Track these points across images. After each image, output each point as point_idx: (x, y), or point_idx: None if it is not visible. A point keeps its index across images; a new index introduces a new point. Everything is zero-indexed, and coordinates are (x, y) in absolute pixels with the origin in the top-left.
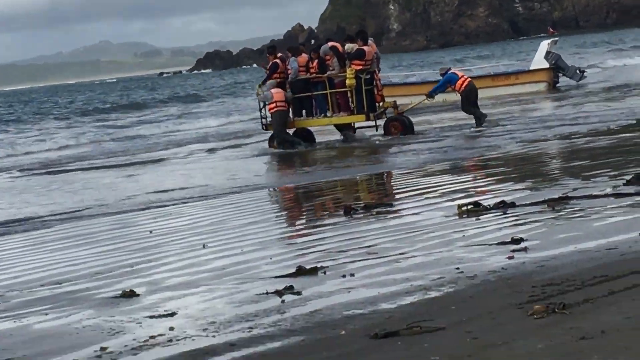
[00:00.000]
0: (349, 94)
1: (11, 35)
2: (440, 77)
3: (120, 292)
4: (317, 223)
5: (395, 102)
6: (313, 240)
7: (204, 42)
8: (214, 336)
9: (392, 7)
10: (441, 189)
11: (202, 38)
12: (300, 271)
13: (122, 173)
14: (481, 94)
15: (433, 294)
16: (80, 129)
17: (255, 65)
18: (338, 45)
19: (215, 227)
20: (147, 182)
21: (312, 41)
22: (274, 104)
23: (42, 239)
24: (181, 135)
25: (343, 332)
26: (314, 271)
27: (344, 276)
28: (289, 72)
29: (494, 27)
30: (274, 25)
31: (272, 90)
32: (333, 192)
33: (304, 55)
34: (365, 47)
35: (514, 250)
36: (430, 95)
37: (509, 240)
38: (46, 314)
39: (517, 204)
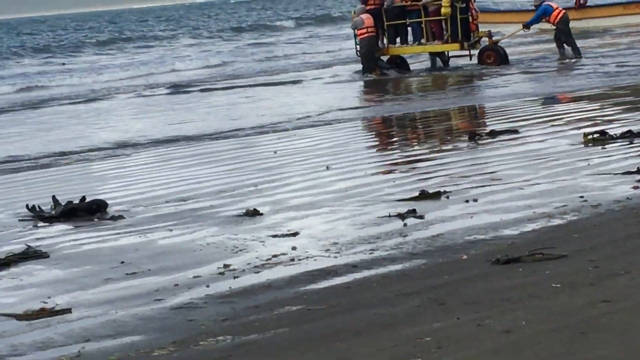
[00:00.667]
0: (443, 23)
1: None
2: (535, 8)
3: (244, 210)
4: (441, 148)
5: (489, 31)
6: (436, 164)
7: None
8: (335, 257)
9: None
10: (567, 117)
11: None
12: (423, 195)
13: (254, 92)
14: (612, 22)
15: (556, 221)
16: (218, 47)
17: None
18: None
19: (339, 149)
20: (277, 103)
21: None
22: (364, 29)
23: (169, 156)
24: (317, 58)
25: (464, 257)
26: (436, 195)
27: (466, 201)
28: None
29: None
30: None
31: (362, 16)
32: (453, 118)
33: None
34: None
35: (639, 180)
36: (527, 26)
37: (635, 169)
38: (170, 230)
39: None
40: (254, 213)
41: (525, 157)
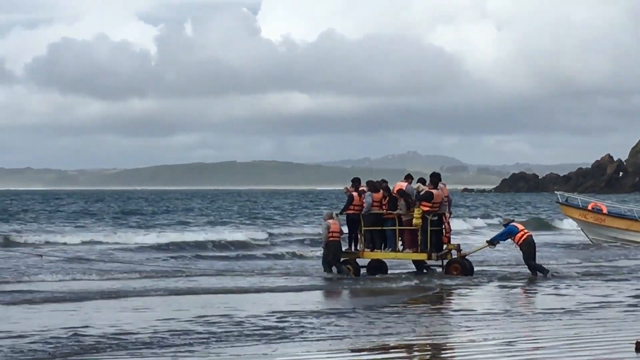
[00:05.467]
0: (417, 233)
1: (321, 137)
2: (504, 227)
3: None
4: (605, 357)
5: (459, 245)
6: None
7: (510, 163)
8: None
9: None
10: None
11: (510, 158)
12: None
13: None
14: None
15: None
16: None
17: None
18: (403, 186)
19: None
20: None
21: None
22: (330, 234)
23: None
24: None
25: None
26: None
27: None
28: (364, 205)
29: None
30: (583, 153)
31: (329, 221)
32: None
33: (380, 191)
34: (434, 191)
35: None
36: (492, 242)
37: None
38: None
39: None
40: None
41: None
